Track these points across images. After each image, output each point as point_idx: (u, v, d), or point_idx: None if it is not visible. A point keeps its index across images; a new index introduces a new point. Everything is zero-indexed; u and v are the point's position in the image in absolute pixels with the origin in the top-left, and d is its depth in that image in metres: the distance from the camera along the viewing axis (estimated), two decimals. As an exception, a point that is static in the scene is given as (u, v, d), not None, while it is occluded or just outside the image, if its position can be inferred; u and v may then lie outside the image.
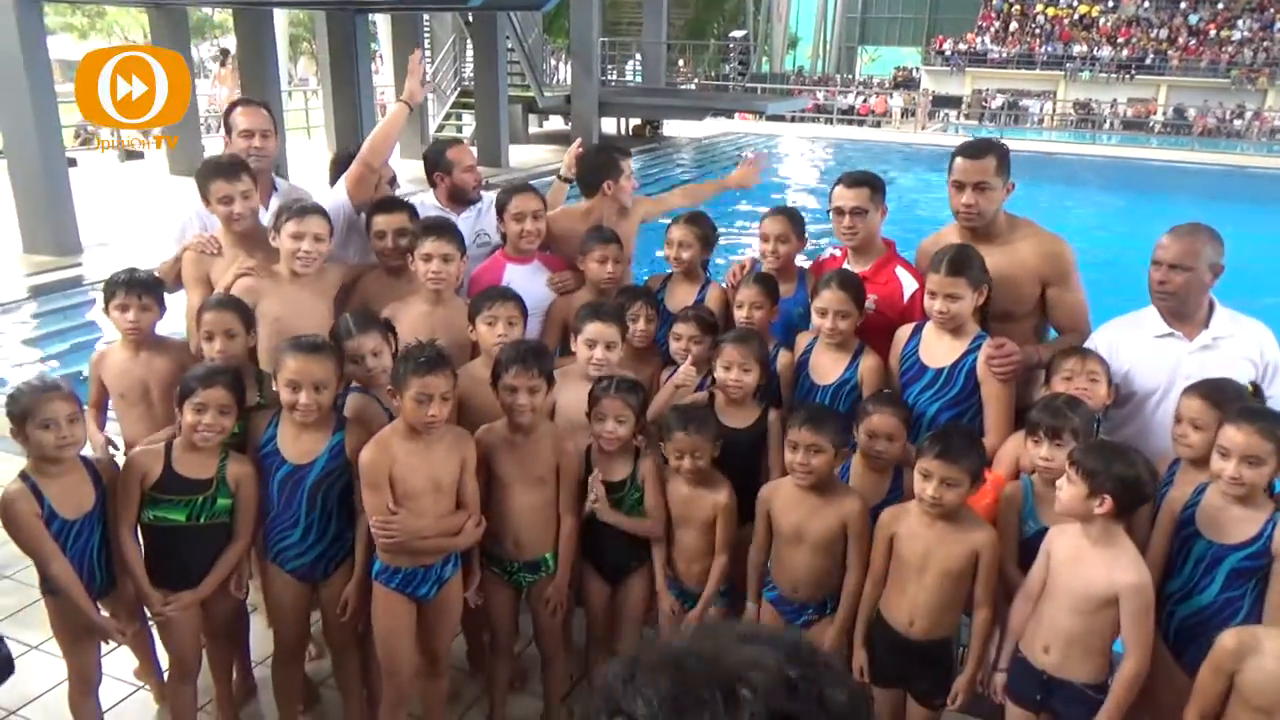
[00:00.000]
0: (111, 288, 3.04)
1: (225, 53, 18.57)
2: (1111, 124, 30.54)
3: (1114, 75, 34.43)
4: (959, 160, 3.14)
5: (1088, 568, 2.39)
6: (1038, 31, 37.01)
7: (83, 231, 9.55)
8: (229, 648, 3.08)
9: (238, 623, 3.09)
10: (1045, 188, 18.99)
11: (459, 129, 19.10)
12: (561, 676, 3.14)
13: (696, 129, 22.29)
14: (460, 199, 3.93)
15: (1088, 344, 2.97)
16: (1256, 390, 2.74)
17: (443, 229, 3.22)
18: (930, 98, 30.22)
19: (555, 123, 21.82)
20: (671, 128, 22.29)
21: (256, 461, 2.78)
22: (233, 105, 3.86)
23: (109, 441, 3.14)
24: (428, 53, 18.37)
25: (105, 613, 2.82)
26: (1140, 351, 2.88)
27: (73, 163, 12.47)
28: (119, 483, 2.73)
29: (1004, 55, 36.75)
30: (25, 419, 2.57)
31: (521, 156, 17.02)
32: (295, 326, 3.00)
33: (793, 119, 26.67)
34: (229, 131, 3.76)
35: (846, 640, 2.78)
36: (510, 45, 17.70)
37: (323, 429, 2.75)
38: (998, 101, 31.39)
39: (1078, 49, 35.57)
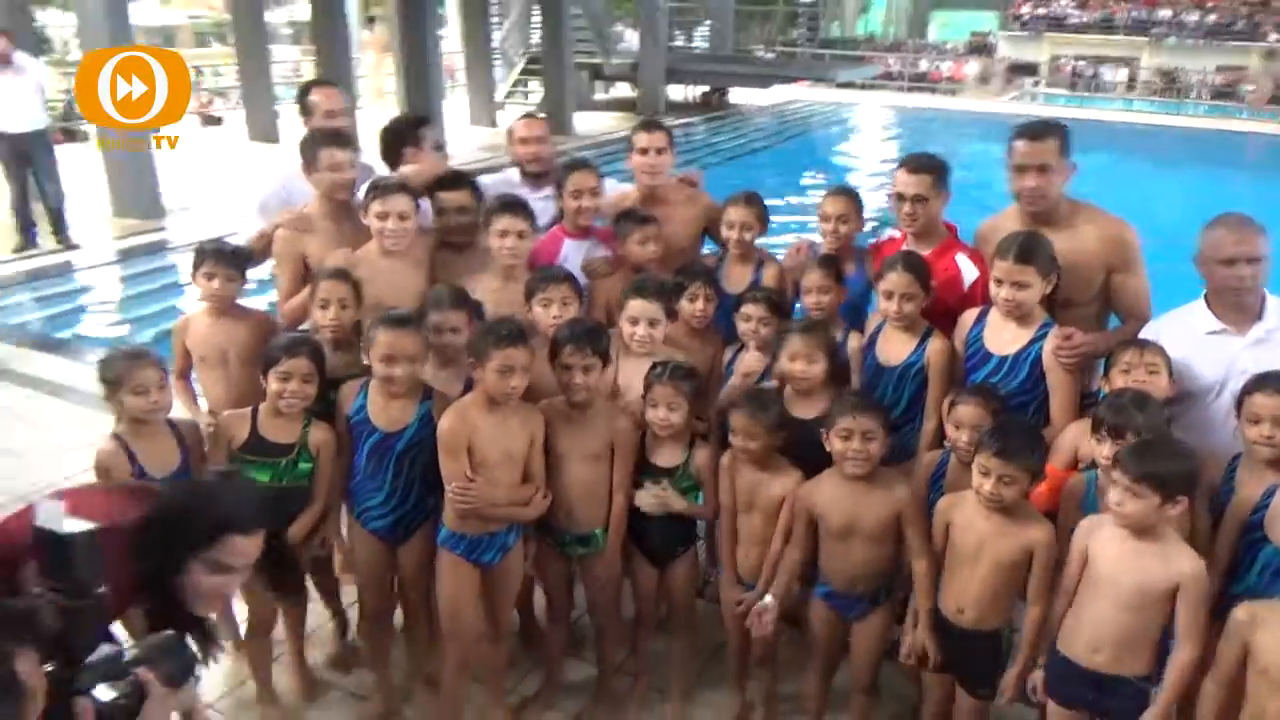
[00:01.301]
0: (200, 256, 3.23)
1: (372, 20, 18.89)
2: (1199, 93, 29.25)
3: (1202, 41, 32.92)
4: (1019, 143, 3.09)
5: (1142, 562, 2.37)
6: (1121, -6, 35.51)
7: (166, 196, 9.89)
8: (301, 603, 3.25)
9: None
10: (1126, 161, 18.37)
11: (525, 96, 19.20)
12: (615, 646, 3.24)
13: (764, 97, 21.99)
14: (525, 174, 4.02)
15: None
16: None
17: (516, 206, 3.30)
18: (1006, 64, 29.32)
19: (621, 89, 21.73)
20: (738, 95, 22.03)
21: (347, 429, 2.92)
22: (308, 86, 3.98)
23: (209, 411, 3.29)
24: (497, 18, 18.45)
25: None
26: (1191, 348, 2.81)
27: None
28: (210, 444, 2.92)
29: (1085, 20, 35.37)
30: (118, 385, 2.76)
31: (588, 124, 17.02)
32: (393, 300, 3.13)
33: (863, 86, 26.11)
34: (308, 113, 3.88)
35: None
36: (577, 11, 17.65)
37: (411, 398, 2.88)
38: (1075, 68, 30.28)
39: (1163, 13, 34.04)
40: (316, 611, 3.46)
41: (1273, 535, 2.46)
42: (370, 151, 4.06)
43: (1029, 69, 30.56)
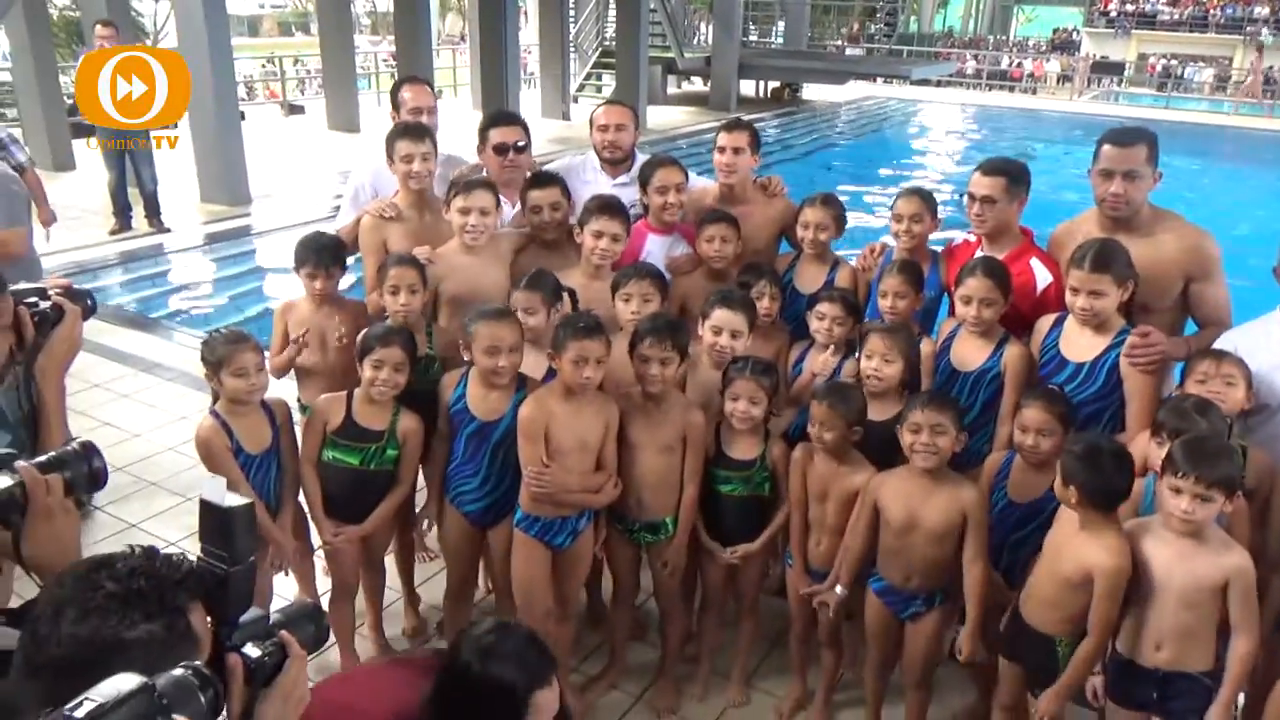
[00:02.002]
0: (302, 255, 3.40)
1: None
2: (1294, 94, 28.11)
3: (1301, 40, 31.60)
4: (1107, 147, 3.09)
5: (1194, 560, 2.40)
6: (1216, -10, 34.26)
7: (251, 183, 10.26)
8: (384, 578, 3.41)
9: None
10: (1215, 164, 17.77)
11: (599, 89, 19.36)
12: (678, 632, 3.33)
13: (838, 93, 21.80)
14: (604, 159, 4.10)
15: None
16: None
17: (615, 209, 3.39)
18: (1090, 62, 28.55)
19: (694, 84, 21.77)
20: (812, 91, 21.88)
21: (448, 418, 3.07)
22: (400, 83, 4.13)
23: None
24: (573, 11, 18.61)
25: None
26: (1270, 360, 2.79)
27: (241, 116, 13.37)
28: (307, 423, 3.10)
29: (1176, 16, 34.21)
30: (220, 366, 2.94)
31: (660, 118, 17.13)
32: (474, 294, 3.26)
33: (939, 83, 25.70)
34: (397, 108, 4.04)
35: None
36: (652, 5, 17.74)
37: (508, 389, 3.01)
38: (1166, 66, 29.32)
39: (1259, 10, 32.73)
40: (394, 588, 3.63)
41: None
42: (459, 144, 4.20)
43: (1115, 67, 29.70)
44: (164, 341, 6.49)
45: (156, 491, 4.47)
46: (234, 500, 1.36)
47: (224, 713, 1.24)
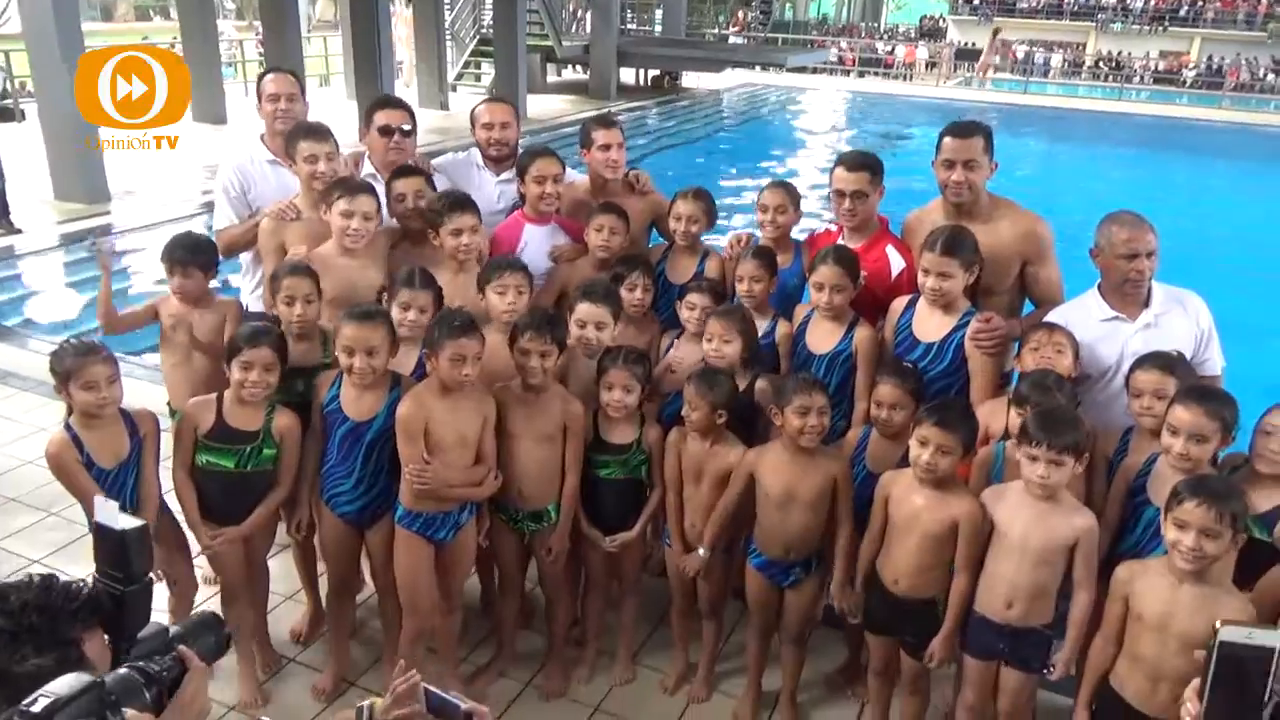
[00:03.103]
0: (168, 259, 3.33)
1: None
2: (1142, 78, 30.04)
3: (1146, 27, 33.76)
4: (948, 140, 3.31)
5: (1049, 522, 2.63)
6: (1069, -21, 36.24)
7: (110, 178, 9.74)
8: (267, 580, 3.37)
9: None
10: (1068, 145, 18.86)
11: (478, 78, 19.13)
12: (564, 617, 3.42)
13: (716, 81, 22.12)
14: (487, 156, 4.12)
15: None
16: (1179, 356, 2.89)
17: (465, 205, 3.42)
18: (954, 49, 29.78)
19: (574, 72, 21.75)
20: (691, 79, 22.15)
21: (321, 417, 3.05)
22: (264, 73, 4.06)
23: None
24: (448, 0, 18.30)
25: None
26: (1090, 334, 3.05)
27: (98, 108, 12.68)
28: (177, 429, 3.02)
29: (1034, 4, 36.01)
30: (69, 379, 2.81)
31: (540, 107, 17.06)
32: (352, 295, 3.25)
33: (815, 70, 26.40)
34: (261, 99, 3.96)
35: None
36: (530, -7, 17.62)
37: (380, 389, 3.00)
38: (1021, 53, 30.87)
39: (1107, -1, 34.82)
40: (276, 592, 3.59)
41: (1154, 498, 2.71)
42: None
43: (977, 54, 31.14)
44: (18, 350, 6.15)
45: (17, 508, 4.27)
46: (127, 522, 1.39)
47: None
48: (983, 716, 2.89)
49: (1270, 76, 29.14)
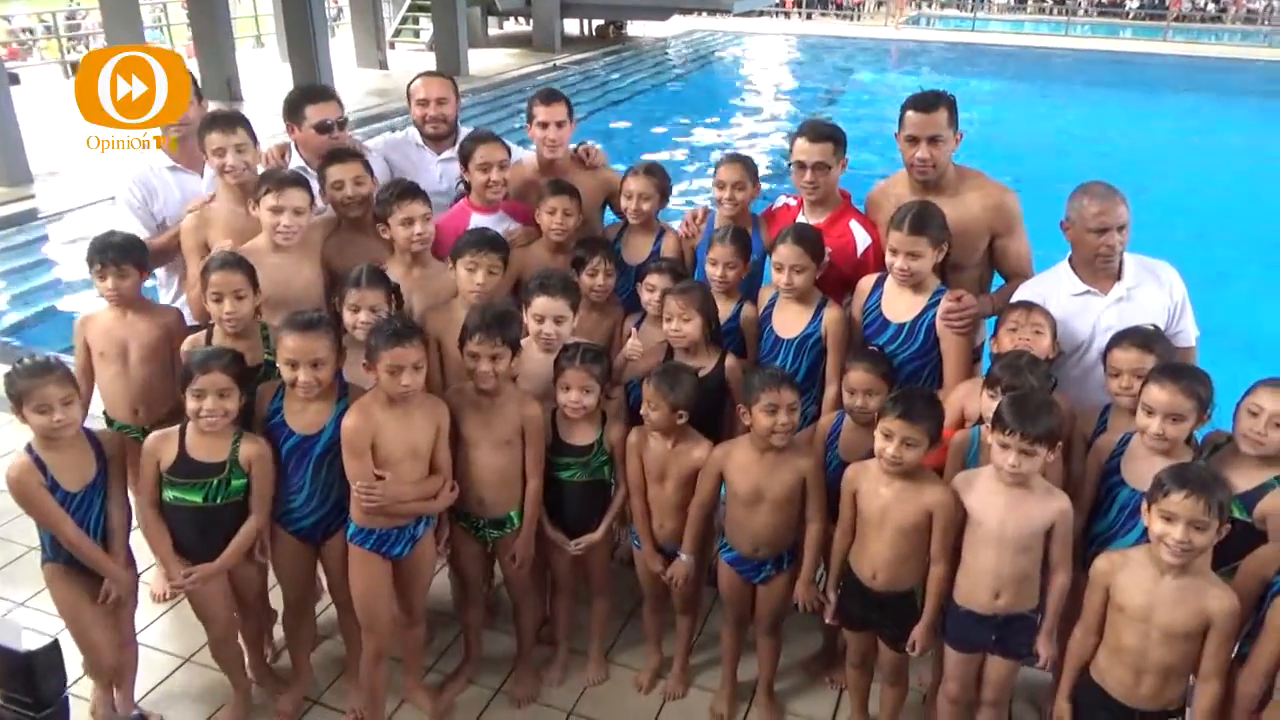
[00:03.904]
0: (91, 255, 3.10)
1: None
2: (1087, 10, 29.98)
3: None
4: (911, 114, 3.17)
5: (1024, 508, 2.56)
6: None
7: (31, 158, 9.25)
8: (260, 614, 3.20)
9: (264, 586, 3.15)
10: (1017, 84, 18.82)
11: (416, 34, 18.53)
12: (532, 620, 3.30)
13: (662, 28, 21.70)
14: (426, 135, 3.92)
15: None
16: (1157, 331, 2.84)
17: (414, 192, 3.22)
18: (902, -14, 29.44)
19: (517, 24, 21.15)
20: (636, 28, 21.70)
21: (265, 431, 2.85)
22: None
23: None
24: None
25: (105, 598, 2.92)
26: (1062, 309, 2.97)
27: (14, 79, 12.03)
28: (140, 465, 2.80)
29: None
30: (21, 401, 2.64)
31: (482, 62, 16.57)
32: (286, 293, 3.07)
33: (761, 14, 26.00)
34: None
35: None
36: (467, -57, 17.00)
37: (327, 400, 2.82)
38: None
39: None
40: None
41: (1129, 478, 2.66)
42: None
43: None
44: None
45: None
46: (33, 641, 1.21)
47: None
48: (964, 706, 2.85)
49: (1210, 6, 29.25)
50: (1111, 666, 2.43)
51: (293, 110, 3.76)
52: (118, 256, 3.09)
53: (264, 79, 13.93)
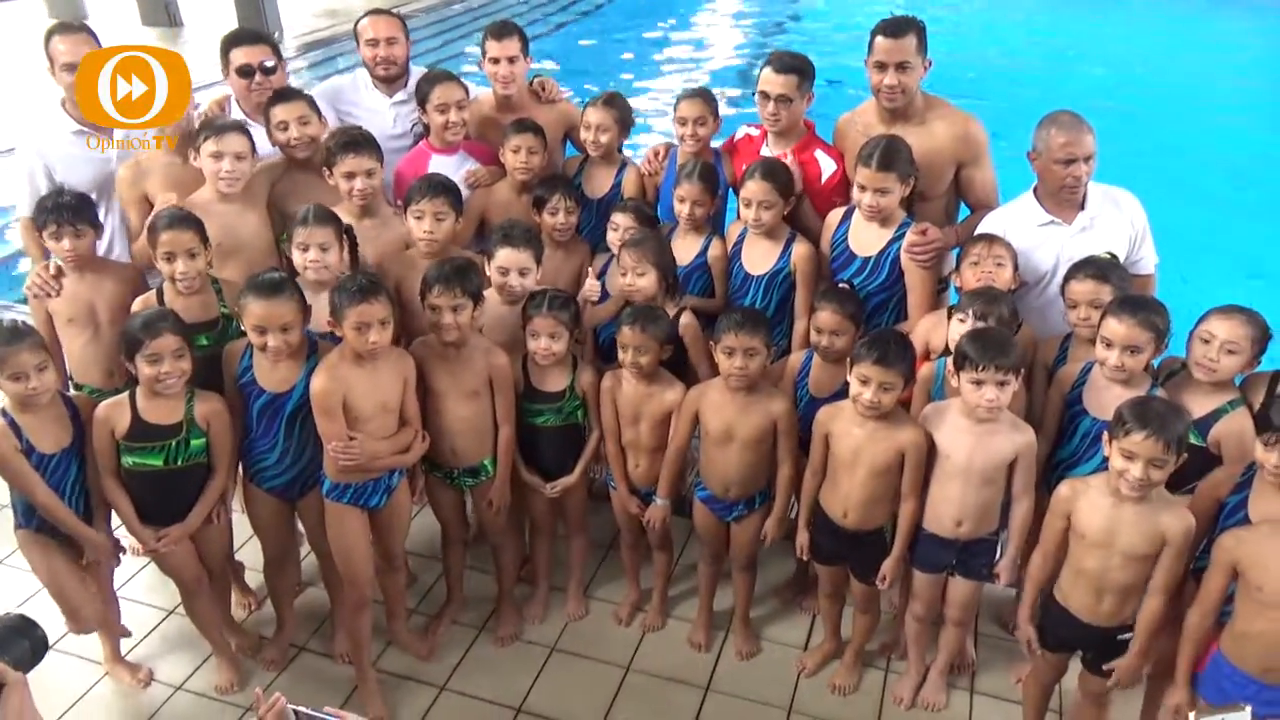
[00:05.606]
0: (44, 218, 3.00)
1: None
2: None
3: None
4: (880, 39, 3.11)
5: (990, 441, 2.62)
6: None
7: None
8: (225, 574, 3.21)
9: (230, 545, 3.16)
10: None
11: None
12: (513, 558, 3.36)
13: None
14: (376, 77, 3.80)
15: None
16: (1112, 261, 2.86)
17: (358, 145, 3.14)
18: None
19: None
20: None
21: (236, 390, 2.83)
22: (51, 32, 3.47)
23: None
24: None
25: (85, 560, 2.95)
26: (1026, 240, 2.98)
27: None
28: (94, 436, 2.76)
29: None
30: None
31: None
32: (235, 242, 3.02)
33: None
34: (53, 64, 3.43)
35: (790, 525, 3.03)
36: None
37: (296, 358, 2.79)
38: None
39: None
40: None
41: (1090, 407, 2.71)
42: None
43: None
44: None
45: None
46: None
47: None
48: (931, 624, 2.96)
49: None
50: (1074, 588, 2.53)
51: (223, 54, 3.61)
52: (73, 216, 2.99)
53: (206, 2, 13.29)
